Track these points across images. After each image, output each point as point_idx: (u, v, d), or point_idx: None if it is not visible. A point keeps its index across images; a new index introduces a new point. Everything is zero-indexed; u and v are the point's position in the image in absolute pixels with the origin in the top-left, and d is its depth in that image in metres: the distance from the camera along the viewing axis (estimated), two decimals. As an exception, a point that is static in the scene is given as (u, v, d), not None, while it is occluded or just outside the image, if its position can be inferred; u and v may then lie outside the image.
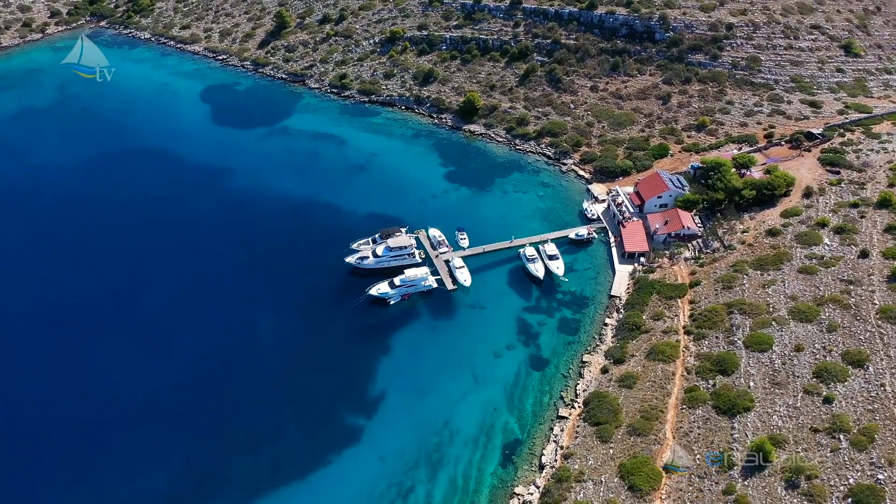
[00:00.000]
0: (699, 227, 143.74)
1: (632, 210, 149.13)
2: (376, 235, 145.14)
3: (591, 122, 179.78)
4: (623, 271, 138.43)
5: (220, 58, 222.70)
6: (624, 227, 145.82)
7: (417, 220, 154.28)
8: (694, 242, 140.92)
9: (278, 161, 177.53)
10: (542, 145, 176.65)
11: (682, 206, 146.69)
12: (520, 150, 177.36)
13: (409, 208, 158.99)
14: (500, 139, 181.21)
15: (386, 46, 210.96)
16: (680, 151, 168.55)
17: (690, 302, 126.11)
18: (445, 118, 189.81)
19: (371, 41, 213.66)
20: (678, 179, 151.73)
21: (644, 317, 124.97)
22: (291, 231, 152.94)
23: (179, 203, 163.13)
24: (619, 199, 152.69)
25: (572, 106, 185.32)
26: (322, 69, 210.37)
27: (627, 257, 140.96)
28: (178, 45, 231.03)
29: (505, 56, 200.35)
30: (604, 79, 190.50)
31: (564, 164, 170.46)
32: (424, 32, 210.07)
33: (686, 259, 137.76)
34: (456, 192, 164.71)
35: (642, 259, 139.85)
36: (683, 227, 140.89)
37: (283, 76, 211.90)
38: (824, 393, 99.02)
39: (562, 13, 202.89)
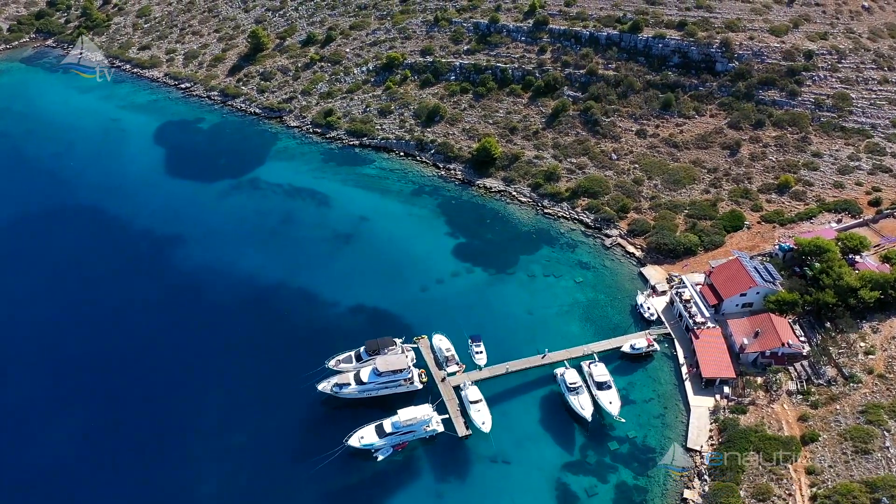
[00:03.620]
0: (802, 341, 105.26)
1: (706, 312, 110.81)
2: (361, 349, 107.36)
3: (639, 179, 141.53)
4: (701, 408, 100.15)
5: (182, 86, 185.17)
6: (696, 337, 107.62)
7: (418, 317, 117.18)
8: (798, 366, 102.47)
9: (243, 227, 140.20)
10: (578, 209, 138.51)
11: (776, 307, 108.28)
12: (549, 214, 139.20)
13: (408, 298, 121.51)
14: (524, 199, 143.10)
15: (381, 75, 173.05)
16: (759, 222, 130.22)
17: (808, 471, 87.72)
18: (454, 169, 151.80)
19: (364, 69, 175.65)
20: (766, 269, 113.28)
21: (742, 493, 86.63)
22: (252, 334, 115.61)
23: (112, 287, 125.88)
24: (687, 294, 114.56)
25: (614, 156, 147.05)
26: (304, 102, 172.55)
27: (705, 385, 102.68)
28: (135, 70, 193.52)
29: (528, 89, 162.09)
30: (653, 120, 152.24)
31: (608, 236, 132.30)
32: (429, 58, 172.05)
33: (790, 393, 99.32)
34: (468, 275, 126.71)
35: (726, 389, 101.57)
36: (783, 343, 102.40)
37: (257, 111, 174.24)
38: None
39: (598, 36, 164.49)
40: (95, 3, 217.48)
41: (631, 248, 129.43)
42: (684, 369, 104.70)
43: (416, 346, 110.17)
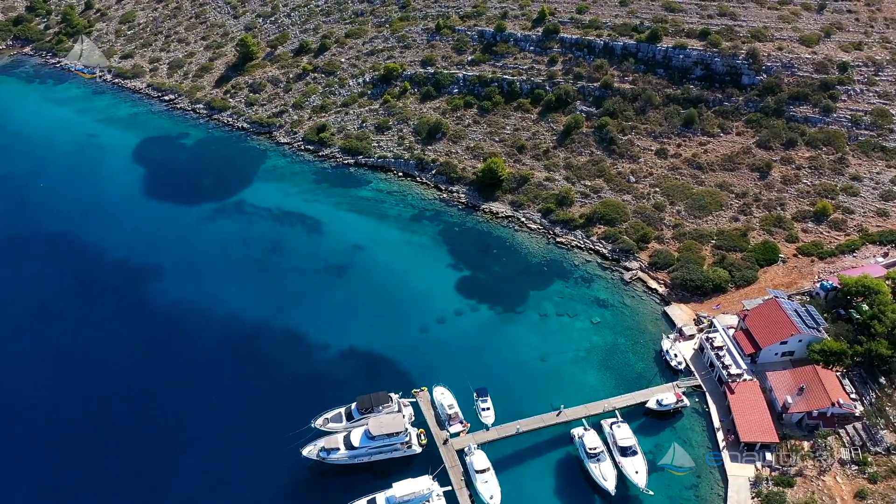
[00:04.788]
0: (854, 399, 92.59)
1: (742, 362, 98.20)
2: (352, 406, 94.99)
3: (660, 204, 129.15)
4: (739, 479, 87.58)
5: (166, 98, 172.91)
6: (732, 392, 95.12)
7: (417, 364, 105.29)
8: (850, 429, 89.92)
9: (226, 257, 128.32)
10: (594, 238, 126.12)
11: (821, 358, 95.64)
12: (562, 243, 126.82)
13: (406, 341, 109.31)
14: (534, 226, 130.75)
15: (379, 87, 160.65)
16: (795, 255, 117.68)
17: (872, 564, 75.36)
18: (458, 192, 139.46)
19: (360, 80, 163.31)
20: (808, 312, 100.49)
21: (794, 590, 74.31)
22: (231, 383, 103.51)
23: (77, 326, 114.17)
24: (718, 340, 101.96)
25: (632, 178, 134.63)
26: (295, 117, 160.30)
27: (744, 450, 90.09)
28: (116, 80, 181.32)
29: (537, 104, 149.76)
30: (674, 139, 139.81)
31: (627, 270, 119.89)
32: (430, 69, 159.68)
33: (842, 462, 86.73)
34: (473, 313, 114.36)
35: (769, 456, 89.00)
36: (832, 402, 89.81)
37: (245, 125, 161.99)
38: None
39: (613, 46, 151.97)
40: (77, 9, 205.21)
41: (653, 284, 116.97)
42: (720, 434, 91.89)
43: (414, 400, 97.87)
